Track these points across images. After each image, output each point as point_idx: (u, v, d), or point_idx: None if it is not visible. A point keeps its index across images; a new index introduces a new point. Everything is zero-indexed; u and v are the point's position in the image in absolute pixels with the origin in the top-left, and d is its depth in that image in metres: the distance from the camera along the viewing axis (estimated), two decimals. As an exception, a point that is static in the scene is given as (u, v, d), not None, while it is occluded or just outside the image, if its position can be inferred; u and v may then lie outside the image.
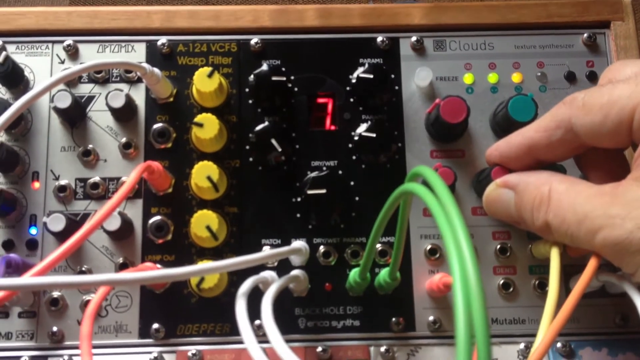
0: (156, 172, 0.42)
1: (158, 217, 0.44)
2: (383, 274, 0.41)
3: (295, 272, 0.41)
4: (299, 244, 0.41)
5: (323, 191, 0.42)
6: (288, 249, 0.38)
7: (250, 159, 0.46)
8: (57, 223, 0.42)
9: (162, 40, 0.47)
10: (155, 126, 0.46)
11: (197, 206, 0.45)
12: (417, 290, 0.44)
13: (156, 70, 0.44)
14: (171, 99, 0.47)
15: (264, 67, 0.46)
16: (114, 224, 0.42)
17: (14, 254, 0.41)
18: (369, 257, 0.38)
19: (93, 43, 0.48)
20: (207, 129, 0.43)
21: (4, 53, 0.44)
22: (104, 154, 0.46)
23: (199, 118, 0.43)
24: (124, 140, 0.46)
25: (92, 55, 0.48)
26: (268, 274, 0.39)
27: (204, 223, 0.42)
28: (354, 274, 0.41)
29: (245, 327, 0.30)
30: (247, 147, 0.46)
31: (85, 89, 0.47)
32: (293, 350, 0.28)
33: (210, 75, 0.44)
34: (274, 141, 0.44)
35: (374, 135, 0.44)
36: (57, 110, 0.44)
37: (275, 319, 0.33)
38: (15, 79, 0.46)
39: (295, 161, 0.46)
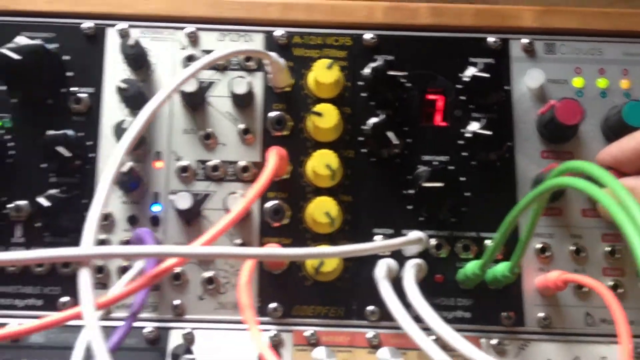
0: (283, 157, 0.43)
1: (275, 202, 0.46)
2: (501, 267, 0.42)
3: (417, 260, 0.42)
4: (419, 233, 0.42)
5: (440, 184, 0.44)
6: (413, 237, 0.40)
7: (364, 150, 0.47)
8: (184, 201, 0.43)
9: (280, 31, 0.49)
10: (272, 114, 0.47)
11: (311, 193, 0.46)
12: (527, 287, 0.45)
13: (281, 59, 0.45)
14: (288, 89, 0.48)
15: (381, 61, 0.47)
16: (238, 205, 0.43)
17: (146, 229, 0.42)
18: (496, 250, 0.39)
19: (213, 31, 0.49)
20: (327, 118, 0.45)
21: (135, 36, 0.46)
22: (222, 138, 0.47)
23: (318, 108, 0.45)
24: (242, 126, 0.47)
25: (212, 43, 0.49)
26: (391, 261, 0.40)
27: (324, 209, 0.43)
28: (473, 266, 0.42)
29: (397, 307, 0.31)
30: (361, 139, 0.47)
31: (205, 75, 0.48)
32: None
33: (330, 67, 0.46)
34: (390, 134, 0.45)
35: (490, 133, 0.45)
36: (184, 94, 0.46)
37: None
38: (141, 61, 0.48)
39: (406, 155, 0.47)
